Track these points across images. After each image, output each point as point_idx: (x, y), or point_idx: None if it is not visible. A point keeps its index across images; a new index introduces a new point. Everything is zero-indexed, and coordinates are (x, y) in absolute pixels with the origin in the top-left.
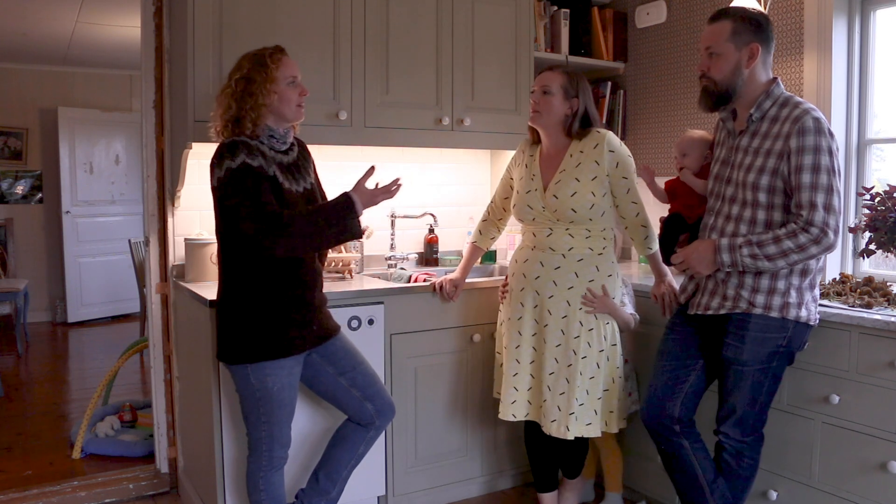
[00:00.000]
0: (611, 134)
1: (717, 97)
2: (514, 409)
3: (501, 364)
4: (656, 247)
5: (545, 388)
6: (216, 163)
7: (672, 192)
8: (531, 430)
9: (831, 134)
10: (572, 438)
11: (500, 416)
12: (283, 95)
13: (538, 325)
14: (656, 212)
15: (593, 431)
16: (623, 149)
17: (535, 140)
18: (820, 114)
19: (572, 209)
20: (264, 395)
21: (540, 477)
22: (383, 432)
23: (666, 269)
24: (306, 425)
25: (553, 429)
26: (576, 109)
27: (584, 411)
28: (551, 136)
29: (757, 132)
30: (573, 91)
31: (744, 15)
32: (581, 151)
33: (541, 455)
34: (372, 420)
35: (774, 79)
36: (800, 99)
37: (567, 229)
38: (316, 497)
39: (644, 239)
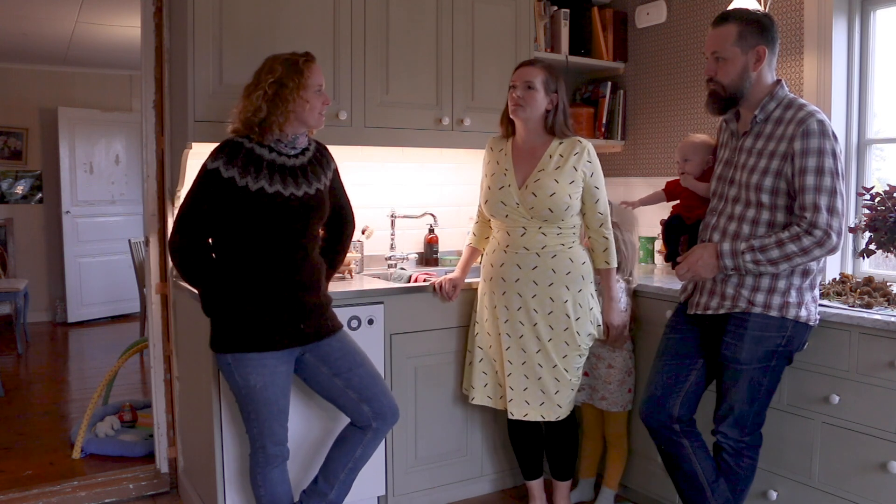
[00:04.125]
0: (591, 144)
1: (725, 101)
2: (511, 406)
3: (471, 362)
4: (614, 263)
5: (552, 380)
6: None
7: (672, 194)
8: (514, 420)
9: (835, 137)
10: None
11: (513, 416)
12: (312, 103)
13: (524, 327)
14: (657, 213)
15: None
16: (598, 161)
17: (506, 135)
18: (824, 116)
19: (549, 209)
20: (249, 393)
21: (527, 465)
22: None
23: (615, 293)
24: (305, 425)
25: (569, 408)
26: (556, 104)
27: (572, 393)
28: (530, 131)
29: (761, 134)
30: (553, 86)
31: (748, 18)
32: (561, 155)
33: (526, 445)
34: (369, 423)
35: (779, 80)
36: (804, 101)
37: (540, 227)
38: (315, 498)
39: (603, 251)
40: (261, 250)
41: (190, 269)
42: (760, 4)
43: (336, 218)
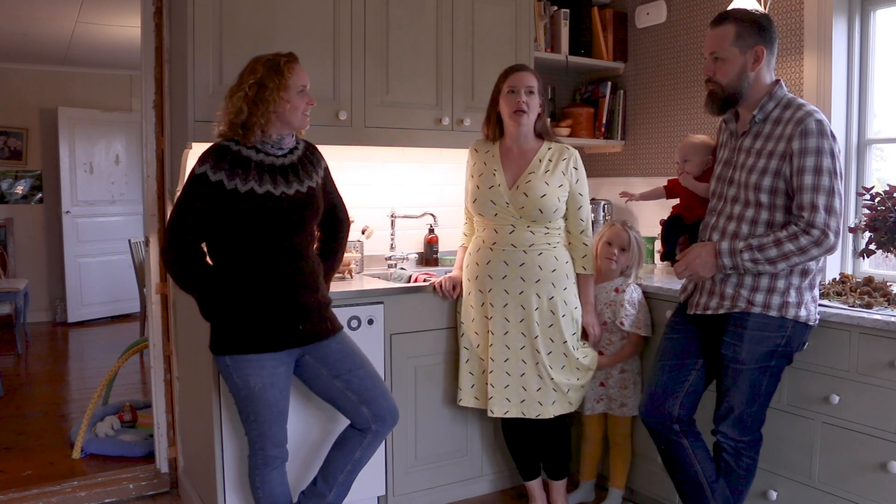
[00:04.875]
0: (577, 152)
1: (724, 101)
2: (491, 404)
3: (467, 360)
4: (591, 270)
5: (535, 377)
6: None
7: (672, 192)
8: (508, 422)
9: (833, 136)
10: (563, 412)
11: (491, 413)
12: (293, 104)
13: (510, 323)
14: (657, 213)
15: (577, 405)
16: (583, 169)
17: (493, 138)
18: (822, 116)
19: (539, 209)
20: (248, 394)
21: (524, 466)
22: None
23: (591, 298)
24: (304, 426)
25: (553, 410)
26: (543, 106)
27: (574, 392)
28: (523, 135)
29: (759, 134)
30: (542, 88)
31: (746, 18)
32: (550, 160)
33: (521, 444)
34: (368, 425)
35: (777, 80)
36: (803, 101)
37: (529, 227)
38: (314, 499)
39: (582, 257)
40: (256, 251)
41: (184, 275)
42: (760, 4)
43: (330, 218)
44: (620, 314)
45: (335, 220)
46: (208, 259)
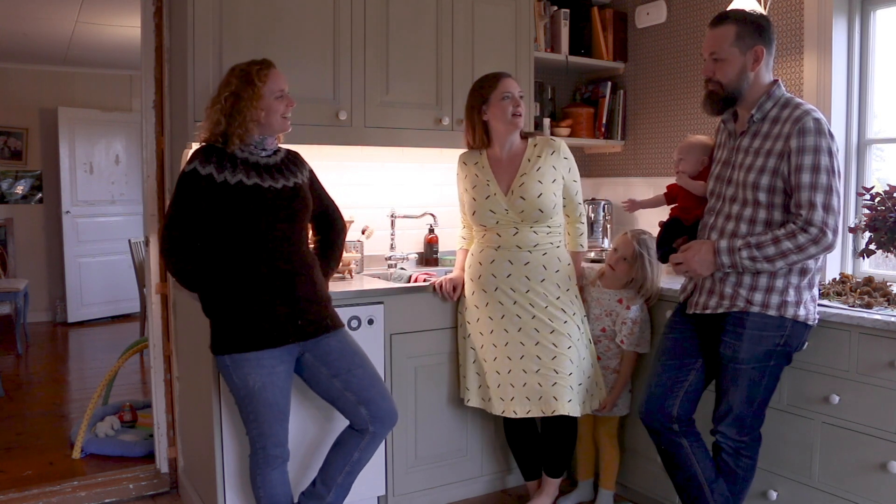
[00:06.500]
0: (563, 141)
1: (723, 101)
2: (513, 405)
3: (464, 364)
4: (585, 247)
5: (551, 372)
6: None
7: (671, 196)
8: (512, 422)
9: (831, 135)
10: (580, 415)
11: (503, 413)
12: (270, 109)
13: (521, 320)
14: (657, 214)
15: (587, 408)
16: (572, 155)
17: (482, 145)
18: (820, 115)
19: (539, 209)
20: (248, 394)
21: (527, 466)
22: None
23: (583, 271)
24: (302, 426)
25: (569, 409)
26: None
27: (582, 390)
28: (513, 139)
29: (758, 133)
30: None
31: (746, 18)
32: (539, 156)
33: (525, 445)
34: (366, 426)
35: (775, 80)
36: (800, 100)
37: (531, 227)
38: (313, 500)
39: (579, 235)
40: (249, 244)
41: (184, 272)
42: (760, 4)
43: (323, 219)
44: (622, 331)
45: (328, 220)
46: (206, 256)
